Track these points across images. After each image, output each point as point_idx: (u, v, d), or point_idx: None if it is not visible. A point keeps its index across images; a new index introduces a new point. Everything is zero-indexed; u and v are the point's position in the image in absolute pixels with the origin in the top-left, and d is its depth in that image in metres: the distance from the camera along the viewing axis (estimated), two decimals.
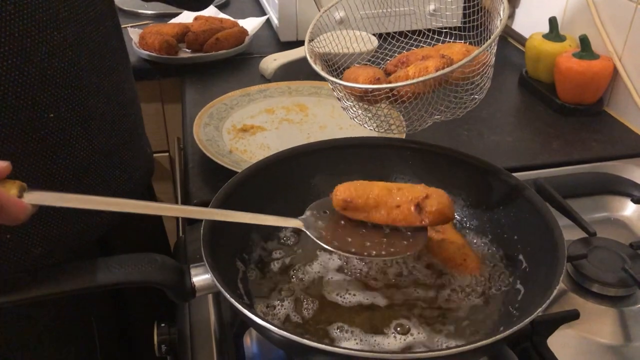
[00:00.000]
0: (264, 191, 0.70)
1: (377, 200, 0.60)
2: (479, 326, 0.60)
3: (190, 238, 0.79)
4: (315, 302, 0.62)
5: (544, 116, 1.09)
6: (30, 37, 0.63)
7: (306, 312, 0.61)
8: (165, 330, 0.68)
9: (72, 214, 0.73)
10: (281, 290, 0.63)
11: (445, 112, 0.63)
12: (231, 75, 1.25)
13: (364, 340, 0.57)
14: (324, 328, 0.59)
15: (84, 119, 0.72)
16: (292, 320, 0.60)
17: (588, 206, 0.85)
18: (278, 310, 0.61)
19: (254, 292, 0.63)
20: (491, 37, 0.58)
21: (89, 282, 0.55)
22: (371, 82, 0.60)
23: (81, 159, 0.72)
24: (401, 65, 0.65)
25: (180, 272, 0.56)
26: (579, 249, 0.75)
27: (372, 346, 0.57)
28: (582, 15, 1.13)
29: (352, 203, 0.60)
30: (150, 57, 1.28)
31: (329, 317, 0.60)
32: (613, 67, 1.05)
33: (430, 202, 0.59)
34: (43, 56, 0.65)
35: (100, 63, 0.74)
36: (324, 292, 0.63)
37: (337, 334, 0.58)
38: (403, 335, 0.58)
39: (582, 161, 0.95)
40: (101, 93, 0.74)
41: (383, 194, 0.60)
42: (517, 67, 1.23)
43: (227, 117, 1.02)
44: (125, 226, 0.84)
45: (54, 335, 0.80)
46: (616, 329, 0.68)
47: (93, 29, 0.72)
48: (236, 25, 1.37)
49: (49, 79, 0.66)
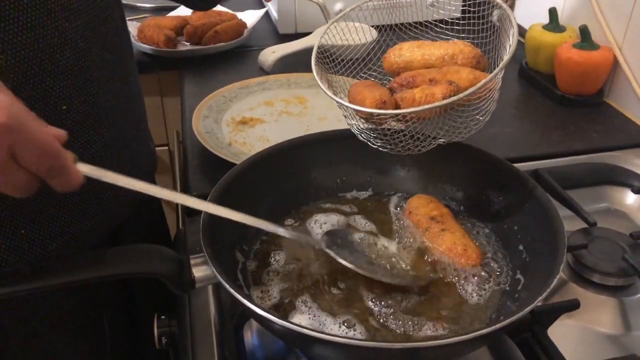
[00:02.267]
0: (263, 182, 0.70)
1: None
2: (479, 315, 0.60)
3: (190, 230, 0.79)
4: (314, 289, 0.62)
5: (544, 107, 1.09)
6: (42, 27, 0.63)
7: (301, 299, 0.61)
8: (165, 322, 0.68)
9: (89, 208, 0.74)
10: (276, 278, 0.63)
11: (449, 134, 0.63)
12: (230, 68, 1.24)
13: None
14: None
15: (95, 111, 0.72)
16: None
17: (588, 196, 0.85)
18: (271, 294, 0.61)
19: (254, 282, 0.63)
20: (499, 66, 0.58)
21: (89, 274, 0.55)
22: (378, 105, 0.60)
23: (94, 153, 0.72)
24: (407, 85, 0.65)
25: (179, 263, 0.56)
26: (579, 239, 0.75)
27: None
28: (582, 6, 1.13)
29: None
30: (149, 51, 1.27)
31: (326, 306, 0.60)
32: (613, 57, 1.04)
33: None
34: (55, 47, 0.65)
35: (110, 55, 0.74)
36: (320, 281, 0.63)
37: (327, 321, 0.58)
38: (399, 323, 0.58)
39: (582, 152, 0.94)
40: (110, 85, 0.74)
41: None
42: (517, 58, 1.23)
43: (226, 109, 1.02)
44: (132, 220, 0.84)
45: (65, 327, 0.80)
46: (616, 319, 0.68)
47: (103, 20, 0.72)
48: (235, 18, 1.37)
49: (61, 70, 0.66)
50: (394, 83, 0.66)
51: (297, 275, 0.64)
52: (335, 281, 0.63)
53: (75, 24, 0.67)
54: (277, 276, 0.64)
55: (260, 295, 0.62)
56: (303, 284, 0.63)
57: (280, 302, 0.61)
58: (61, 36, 0.65)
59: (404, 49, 0.68)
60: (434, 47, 0.66)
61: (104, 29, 0.72)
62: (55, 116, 0.67)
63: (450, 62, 0.65)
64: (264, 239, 0.69)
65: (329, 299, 0.61)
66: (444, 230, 0.67)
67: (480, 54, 0.65)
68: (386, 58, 0.69)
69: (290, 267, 0.65)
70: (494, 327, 0.49)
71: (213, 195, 0.63)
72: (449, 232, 0.67)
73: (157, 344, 0.68)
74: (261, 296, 0.62)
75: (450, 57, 0.64)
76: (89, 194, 0.73)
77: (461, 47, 0.65)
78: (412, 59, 0.67)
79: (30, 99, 0.64)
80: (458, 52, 0.64)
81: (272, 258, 0.66)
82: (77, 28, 0.67)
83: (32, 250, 0.70)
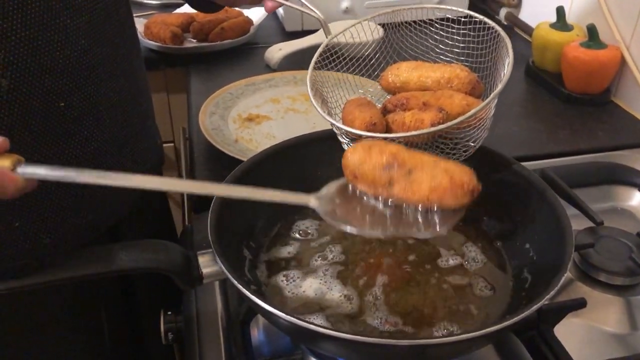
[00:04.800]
0: (270, 179, 0.70)
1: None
2: (485, 314, 0.60)
3: (197, 227, 0.79)
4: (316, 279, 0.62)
5: (550, 106, 1.09)
6: (43, 25, 0.63)
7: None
8: (172, 318, 0.68)
9: (83, 204, 0.73)
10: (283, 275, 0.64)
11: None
12: (236, 65, 1.25)
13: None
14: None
15: (95, 108, 0.71)
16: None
17: (595, 196, 0.84)
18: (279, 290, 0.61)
19: (261, 279, 0.63)
20: (490, 96, 0.58)
21: (97, 269, 0.55)
22: (367, 127, 0.60)
23: (92, 149, 0.72)
24: (400, 106, 0.65)
25: (187, 258, 0.57)
26: (585, 238, 0.75)
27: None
28: (589, 4, 1.12)
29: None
30: (156, 47, 1.27)
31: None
32: (621, 56, 1.04)
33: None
34: (55, 44, 0.64)
35: (114, 52, 0.73)
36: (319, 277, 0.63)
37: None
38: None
39: (589, 151, 0.94)
40: (113, 83, 0.74)
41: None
42: (524, 57, 1.23)
43: (232, 106, 1.02)
44: (134, 216, 0.84)
45: (63, 324, 0.80)
46: (623, 318, 0.68)
47: (107, 18, 0.71)
48: (241, 15, 1.37)
49: (61, 67, 0.66)
50: (389, 103, 0.66)
51: (305, 271, 0.64)
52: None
53: (77, 21, 0.66)
54: (284, 273, 0.64)
55: (267, 291, 0.62)
56: (311, 280, 0.63)
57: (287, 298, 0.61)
58: (62, 33, 0.65)
59: (401, 69, 0.67)
60: (431, 69, 0.66)
61: (107, 26, 0.71)
62: (53, 113, 0.66)
63: (446, 85, 0.64)
64: (271, 235, 0.69)
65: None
66: (410, 172, 0.55)
67: (476, 80, 0.64)
68: (383, 77, 0.69)
69: (298, 263, 0.65)
70: (501, 326, 0.49)
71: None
72: (419, 170, 0.55)
73: (164, 340, 0.68)
74: (268, 291, 0.62)
75: (447, 81, 0.64)
76: (82, 190, 0.72)
77: (457, 71, 0.64)
78: (409, 80, 0.66)
79: (27, 96, 0.64)
80: (454, 77, 0.64)
81: (280, 255, 0.67)
82: (79, 25, 0.66)
83: (27, 243, 0.70)
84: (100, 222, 0.77)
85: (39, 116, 0.65)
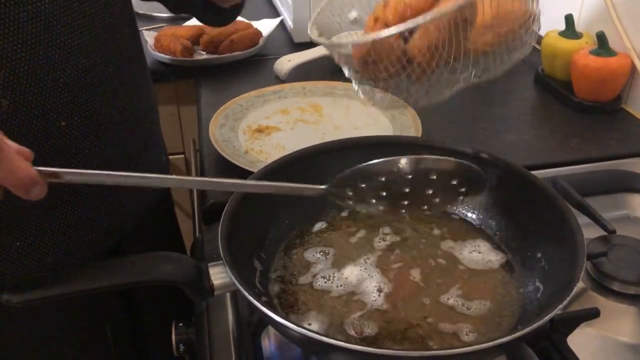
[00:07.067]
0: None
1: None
2: (497, 324, 0.59)
3: (207, 238, 0.79)
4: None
5: (560, 114, 1.08)
6: (43, 44, 0.62)
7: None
8: (183, 330, 0.68)
9: (85, 223, 0.73)
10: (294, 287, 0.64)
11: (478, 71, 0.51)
12: (246, 77, 1.25)
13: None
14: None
15: (97, 127, 0.71)
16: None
17: (607, 204, 0.84)
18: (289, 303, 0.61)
19: (272, 291, 0.63)
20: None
21: (108, 281, 0.55)
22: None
23: (94, 168, 0.72)
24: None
25: (198, 270, 0.57)
26: (598, 247, 0.74)
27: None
28: (598, 12, 1.12)
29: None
30: (166, 60, 1.28)
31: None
32: (631, 64, 1.04)
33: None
34: (56, 64, 0.64)
35: (116, 71, 0.72)
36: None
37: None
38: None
39: (600, 159, 0.94)
40: (116, 101, 0.73)
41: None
42: (533, 65, 1.22)
43: (242, 117, 1.03)
44: (139, 233, 0.84)
45: (67, 340, 0.80)
46: (637, 328, 0.67)
47: (109, 37, 0.70)
48: (250, 27, 1.38)
49: (62, 87, 0.65)
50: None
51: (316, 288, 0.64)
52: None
53: (78, 41, 0.66)
54: (295, 285, 0.64)
55: (278, 303, 0.62)
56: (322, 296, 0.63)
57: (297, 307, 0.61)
58: (62, 53, 0.64)
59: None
60: None
61: (110, 45, 0.71)
62: (54, 132, 0.66)
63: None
64: (282, 247, 0.69)
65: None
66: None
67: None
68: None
69: (309, 277, 0.65)
70: (513, 336, 0.48)
71: (230, 204, 0.63)
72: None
73: (175, 352, 0.68)
74: (279, 304, 0.62)
75: None
76: (84, 209, 0.72)
77: None
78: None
79: (28, 116, 0.63)
80: None
81: (291, 267, 0.67)
82: (80, 45, 0.66)
83: (27, 261, 0.70)
84: (101, 240, 0.77)
85: (40, 136, 0.65)
